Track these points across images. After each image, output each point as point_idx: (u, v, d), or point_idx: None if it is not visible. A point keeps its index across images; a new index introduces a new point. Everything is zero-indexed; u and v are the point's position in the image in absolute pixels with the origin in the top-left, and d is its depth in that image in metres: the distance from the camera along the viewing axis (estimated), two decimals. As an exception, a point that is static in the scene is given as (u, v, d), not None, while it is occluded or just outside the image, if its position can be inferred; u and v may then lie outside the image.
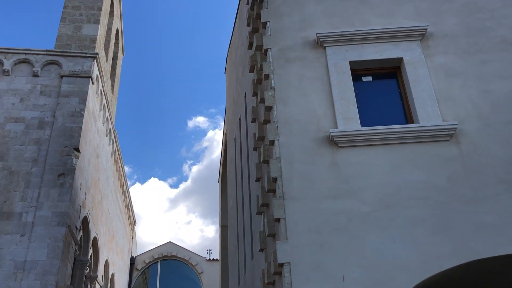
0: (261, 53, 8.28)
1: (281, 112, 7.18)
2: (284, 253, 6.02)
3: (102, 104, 16.01)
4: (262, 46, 8.25)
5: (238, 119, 12.07)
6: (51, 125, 13.05)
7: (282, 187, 6.50)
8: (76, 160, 12.63)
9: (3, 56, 13.92)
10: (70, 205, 11.96)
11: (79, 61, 14.15)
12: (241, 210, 10.71)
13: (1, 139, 12.69)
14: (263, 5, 8.56)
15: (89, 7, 16.03)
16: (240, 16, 12.26)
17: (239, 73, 12.07)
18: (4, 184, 12.02)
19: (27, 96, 13.48)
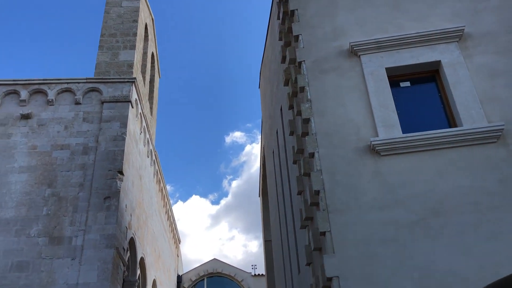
0: (295, 66, 8.27)
1: (319, 124, 7.11)
2: (332, 267, 5.89)
3: (142, 126, 16.36)
4: (295, 59, 8.24)
5: (275, 133, 12.06)
6: (95, 150, 13.41)
7: (325, 199, 6.39)
8: (120, 183, 12.90)
9: (47, 87, 14.48)
10: (117, 227, 12.20)
11: (118, 87, 14.54)
12: (284, 224, 10.62)
13: (49, 166, 13.13)
14: (294, 18, 8.57)
15: (125, 33, 16.51)
16: (271, 31, 12.32)
17: (274, 87, 12.09)
18: (54, 210, 12.40)
19: (71, 124, 13.93)
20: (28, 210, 12.35)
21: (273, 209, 13.40)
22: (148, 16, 19.63)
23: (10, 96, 14.35)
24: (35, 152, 13.34)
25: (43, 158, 13.23)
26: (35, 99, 14.35)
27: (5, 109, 14.09)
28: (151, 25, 20.29)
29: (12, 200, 12.49)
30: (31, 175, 12.92)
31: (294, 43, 8.49)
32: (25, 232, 12.01)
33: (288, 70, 8.62)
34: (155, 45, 21.62)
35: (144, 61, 18.81)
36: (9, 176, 12.86)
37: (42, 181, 12.81)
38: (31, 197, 12.55)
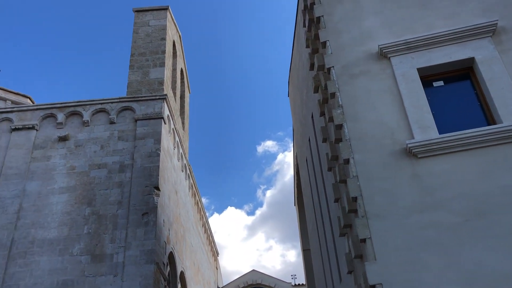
0: (324, 73, 8.23)
1: (352, 129, 7.03)
2: (374, 274, 5.78)
3: (175, 141, 16.60)
4: (324, 65, 8.20)
5: (307, 141, 12.00)
6: (131, 167, 13.68)
7: (363, 206, 6.30)
8: (157, 198, 13.11)
9: (82, 109, 14.92)
10: (156, 243, 12.37)
11: (150, 104, 14.83)
12: (322, 232, 10.51)
13: (87, 186, 13.48)
14: (320, 25, 8.55)
15: (154, 52, 16.86)
16: (297, 39, 12.33)
17: (303, 95, 12.05)
18: (94, 228, 12.69)
19: (106, 143, 14.28)
20: (70, 230, 12.68)
21: (310, 218, 13.29)
22: (175, 33, 20.00)
23: (47, 120, 14.85)
24: (74, 172, 13.72)
25: (82, 178, 13.59)
26: (71, 121, 14.80)
27: (43, 132, 14.58)
28: (178, 42, 20.65)
29: (54, 220, 12.86)
30: (71, 195, 13.28)
31: (322, 50, 8.46)
32: (68, 251, 12.33)
33: (317, 77, 8.59)
34: (184, 61, 21.98)
35: (173, 77, 19.15)
36: (50, 197, 13.26)
37: (82, 201, 13.15)
38: (72, 217, 12.89)
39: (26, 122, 14.70)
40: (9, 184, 13.50)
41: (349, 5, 8.48)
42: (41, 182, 13.55)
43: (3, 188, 13.42)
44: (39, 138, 14.46)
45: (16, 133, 14.54)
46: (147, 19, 17.76)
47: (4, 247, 12.40)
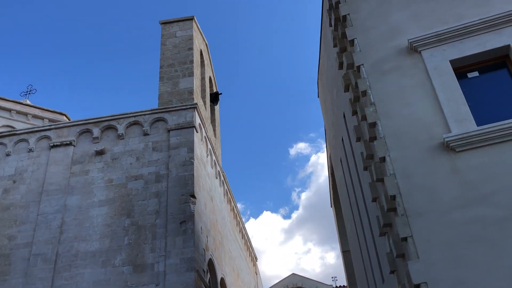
0: (354, 71, 8.15)
1: (386, 127, 6.94)
2: (418, 273, 5.66)
3: (208, 149, 16.76)
4: (353, 63, 8.13)
5: (340, 141, 11.89)
6: (166, 177, 13.90)
7: (402, 204, 6.19)
8: (193, 206, 13.26)
9: (116, 122, 15.27)
10: (195, 250, 12.50)
11: (182, 114, 15.04)
12: (361, 233, 10.38)
13: (125, 197, 13.77)
14: (347, 23, 8.49)
15: (182, 62, 17.12)
16: (324, 39, 12.27)
17: (333, 94, 11.97)
18: (134, 239, 12.94)
19: (141, 154, 14.56)
20: (111, 241, 12.96)
21: (347, 218, 13.15)
22: (202, 42, 20.24)
23: (84, 135, 15.27)
24: (112, 185, 14.04)
25: (120, 190, 13.89)
26: (107, 135, 15.17)
27: (81, 148, 15.01)
28: (205, 51, 20.89)
29: (96, 233, 13.18)
30: (110, 207, 13.59)
31: (350, 48, 8.40)
32: (110, 262, 12.61)
33: (347, 76, 8.52)
34: (212, 69, 22.20)
35: (202, 86, 19.36)
36: (91, 211, 13.61)
37: (121, 212, 13.43)
38: (112, 229, 13.18)
39: (63, 138, 15.16)
40: (51, 199, 13.94)
41: (374, 1, 8.39)
42: (81, 196, 13.93)
43: (45, 204, 13.86)
44: (77, 154, 14.89)
45: (54, 149, 15.02)
46: (173, 30, 18.05)
47: (49, 261, 12.79)
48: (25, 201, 14.10)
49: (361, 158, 8.25)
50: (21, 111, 20.78)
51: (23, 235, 13.44)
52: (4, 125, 19.89)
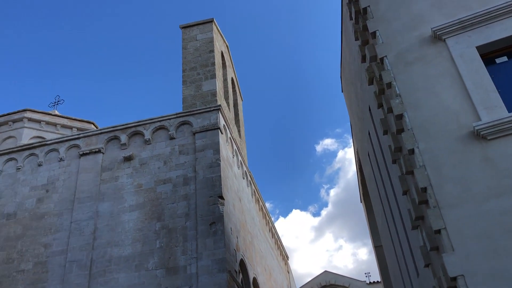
0: (377, 63, 8.06)
1: (413, 118, 6.83)
2: (454, 266, 5.55)
3: (234, 150, 16.83)
4: (376, 56, 8.04)
5: (367, 135, 11.76)
6: (194, 179, 14.03)
7: (434, 196, 6.08)
8: (222, 207, 13.33)
9: (143, 128, 15.50)
10: (226, 251, 12.57)
11: (206, 116, 15.16)
12: (393, 227, 10.25)
13: (155, 201, 13.96)
14: (368, 15, 8.39)
15: (204, 65, 17.25)
16: (345, 32, 12.15)
17: (357, 88, 11.85)
18: (166, 242, 13.11)
19: (168, 158, 14.74)
20: (143, 245, 13.16)
21: (378, 213, 13.00)
22: (223, 44, 20.34)
23: (111, 142, 15.56)
24: (141, 190, 14.26)
25: (149, 194, 14.09)
26: (134, 140, 15.42)
27: (109, 155, 15.30)
28: (226, 52, 20.99)
29: (128, 237, 13.41)
30: (140, 212, 13.81)
31: (372, 40, 8.30)
32: (144, 266, 12.80)
33: (371, 69, 8.42)
34: (233, 70, 22.29)
35: (225, 87, 19.46)
36: (122, 216, 13.85)
37: (151, 216, 13.62)
38: (144, 233, 13.38)
39: (92, 146, 15.48)
40: (83, 207, 14.26)
41: (395, -9, 8.25)
42: (112, 202, 14.20)
43: (78, 212, 14.18)
44: (106, 161, 15.18)
45: (84, 158, 15.35)
46: (194, 34, 18.21)
47: (85, 267, 13.08)
48: (58, 210, 14.47)
49: (389, 151, 8.14)
50: (50, 122, 21.32)
51: (58, 242, 13.79)
52: (34, 136, 20.45)
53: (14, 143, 19.73)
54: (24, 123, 20.62)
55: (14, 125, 20.66)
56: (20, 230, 14.34)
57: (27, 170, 15.70)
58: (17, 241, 14.12)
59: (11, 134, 20.45)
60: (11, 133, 20.48)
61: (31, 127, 20.75)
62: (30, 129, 20.68)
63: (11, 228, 14.47)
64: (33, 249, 13.85)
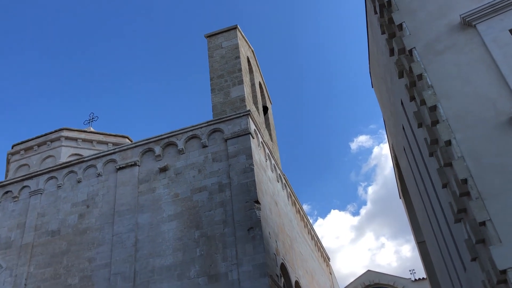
0: (406, 55, 7.91)
1: (448, 109, 6.66)
2: (503, 258, 5.36)
3: (266, 154, 16.84)
4: (404, 48, 7.89)
5: (401, 129, 11.54)
6: (229, 186, 14.11)
7: (475, 186, 5.90)
8: (259, 212, 13.34)
9: (175, 138, 15.72)
10: (266, 255, 12.56)
11: (236, 122, 15.24)
12: (435, 221, 10.00)
13: (192, 210, 14.11)
14: (393, 8, 8.25)
15: (230, 71, 17.37)
16: (371, 27, 11.99)
17: (388, 82, 11.66)
18: (206, 250, 13.22)
19: (202, 166, 14.89)
20: (184, 254, 13.31)
21: (419, 208, 12.72)
22: (248, 49, 20.43)
23: (146, 154, 15.85)
24: (178, 199, 14.44)
25: (186, 203, 14.25)
26: (168, 151, 15.65)
27: (145, 167, 15.58)
28: (252, 57, 21.06)
29: (168, 247, 13.59)
30: (179, 221, 13.97)
31: (399, 33, 8.16)
32: (186, 275, 12.94)
33: (400, 61, 8.27)
34: (261, 75, 22.33)
35: (253, 92, 19.51)
36: (161, 226, 14.06)
37: (190, 225, 13.77)
38: (184, 242, 13.54)
39: (128, 160, 15.81)
40: (123, 220, 14.56)
41: (419, -20, 8.09)
42: (151, 213, 14.44)
43: (118, 225, 14.49)
44: (142, 173, 15.46)
45: (121, 171, 15.69)
46: (219, 42, 18.37)
47: (128, 279, 13.34)
48: (99, 224, 14.82)
49: (425, 144, 7.96)
50: (86, 139, 21.92)
51: (102, 256, 14.12)
52: (72, 154, 21.07)
53: (54, 162, 20.38)
54: (62, 142, 21.27)
55: (52, 145, 21.34)
56: (64, 246, 14.77)
57: (67, 187, 16.17)
58: (63, 257, 14.54)
59: (50, 153, 21.14)
60: (50, 152, 21.18)
61: (68, 145, 21.39)
62: (67, 147, 21.31)
63: (56, 245, 14.92)
64: (78, 263, 14.22)
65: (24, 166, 21.15)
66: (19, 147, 21.81)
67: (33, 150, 21.49)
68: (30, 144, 21.62)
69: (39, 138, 21.70)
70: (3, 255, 15.38)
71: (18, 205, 16.43)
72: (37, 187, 16.50)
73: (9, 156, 22.14)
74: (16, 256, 15.14)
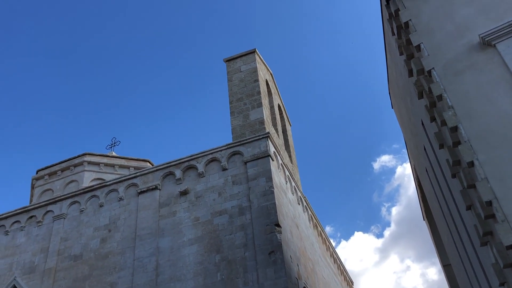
0: (425, 76, 7.87)
1: (469, 129, 6.56)
2: (532, 283, 5.18)
3: (286, 176, 16.79)
4: (423, 69, 7.86)
5: (423, 150, 11.40)
6: (249, 209, 14.07)
7: (501, 209, 5.76)
8: (280, 235, 13.23)
9: (196, 162, 15.83)
10: (287, 280, 12.40)
11: (256, 144, 15.29)
12: (460, 244, 9.75)
13: (213, 233, 14.08)
14: (410, 29, 8.26)
15: (249, 94, 17.51)
16: (389, 48, 11.99)
17: (408, 103, 11.58)
18: (226, 274, 13.13)
19: (223, 189, 14.91)
20: (205, 279, 13.24)
21: (443, 230, 12.44)
22: (266, 72, 20.61)
23: (167, 178, 15.97)
24: (199, 223, 14.45)
25: (206, 227, 14.24)
26: (188, 174, 15.74)
27: (166, 190, 15.68)
28: (271, 80, 21.22)
29: (189, 272, 13.54)
30: (200, 245, 13.95)
31: (417, 53, 8.14)
32: (207, 299, 12.82)
33: (419, 82, 8.23)
34: (279, 97, 22.44)
35: (272, 114, 19.60)
36: (182, 250, 14.05)
37: (210, 249, 13.72)
38: (204, 266, 13.48)
39: (149, 184, 15.95)
40: (144, 244, 14.60)
41: (436, 2, 8.10)
42: (172, 237, 14.46)
43: (140, 249, 14.53)
44: (163, 196, 15.56)
45: (142, 195, 15.83)
46: (237, 65, 18.59)
47: (150, 303, 13.29)
48: (121, 248, 14.89)
49: (447, 166, 7.83)
50: (108, 163, 22.23)
51: (123, 280, 14.14)
52: (94, 179, 21.36)
53: (76, 186, 20.69)
54: (85, 167, 21.62)
55: (76, 169, 21.70)
56: (87, 270, 14.85)
57: (90, 212, 16.35)
58: (85, 282, 14.61)
59: (73, 178, 21.49)
60: (73, 177, 21.52)
61: (91, 170, 21.71)
62: (90, 172, 21.64)
63: (78, 269, 15.02)
64: (100, 288, 14.26)
65: (48, 191, 21.52)
66: (43, 172, 22.24)
67: (56, 175, 21.87)
68: (54, 169, 22.02)
69: (63, 163, 22.11)
70: (27, 280, 15.55)
71: (42, 230, 16.66)
72: (60, 212, 16.74)
73: (34, 181, 22.58)
74: (40, 281, 15.28)
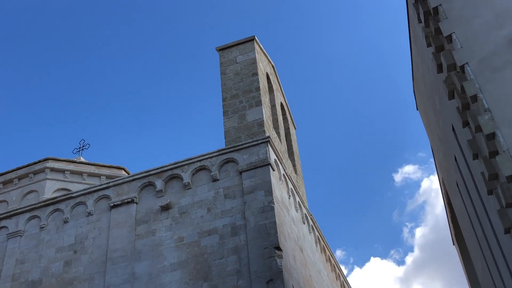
0: (457, 72, 7.95)
1: (509, 137, 6.63)
2: None
3: (289, 189, 16.83)
4: (455, 64, 7.94)
5: (453, 160, 11.47)
6: (244, 228, 14.08)
7: (545, 232, 5.80)
8: (280, 261, 13.24)
9: (180, 170, 15.85)
10: (288, 314, 12.42)
11: (253, 150, 15.32)
12: (496, 273, 9.81)
13: (200, 257, 14.08)
14: (440, 16, 8.35)
15: (247, 91, 17.54)
16: (414, 39, 12.08)
17: (436, 104, 11.66)
18: (215, 306, 13.12)
19: (213, 204, 14.93)
20: (189, 312, 13.22)
21: (476, 257, 12.50)
22: (267, 64, 20.68)
23: (146, 189, 15.99)
24: (183, 244, 14.45)
25: (192, 249, 14.24)
26: (171, 186, 15.76)
27: (144, 205, 15.68)
28: (273, 74, 21.29)
29: (171, 303, 13.53)
30: (184, 271, 13.94)
31: (448, 45, 8.22)
32: (191, 337, 12.81)
33: (450, 80, 8.30)
34: (282, 94, 22.51)
35: (274, 115, 19.64)
36: (162, 277, 14.04)
37: (197, 276, 13.71)
38: (189, 296, 13.46)
39: (124, 196, 15.95)
40: (116, 268, 14.58)
41: (471, -16, 8.20)
42: (150, 261, 14.44)
43: (111, 275, 14.50)
44: (140, 212, 15.56)
45: (115, 210, 15.82)
46: (233, 56, 18.62)
47: None
48: (89, 273, 14.87)
49: (482, 180, 7.89)
50: (75, 171, 22.23)
51: (91, 312, 14.11)
52: (58, 189, 21.35)
53: (37, 198, 20.67)
54: (47, 174, 21.61)
55: (36, 177, 21.68)
56: (47, 299, 14.82)
57: (51, 229, 16.33)
58: (45, 313, 14.58)
59: (33, 187, 21.45)
60: (32, 186, 21.49)
61: (54, 178, 21.70)
62: (53, 181, 21.63)
63: (37, 298, 14.98)
64: (63, 321, 14.23)
65: (2, 202, 21.48)
66: (-4, 181, 22.20)
67: (12, 184, 21.85)
68: (9, 176, 21.99)
69: (20, 169, 22.08)
70: (-26, 310, 15.50)
71: (-7, 250, 16.61)
72: (16, 228, 16.72)
73: (-16, 191, 22.54)
74: (-10, 312, 15.24)
